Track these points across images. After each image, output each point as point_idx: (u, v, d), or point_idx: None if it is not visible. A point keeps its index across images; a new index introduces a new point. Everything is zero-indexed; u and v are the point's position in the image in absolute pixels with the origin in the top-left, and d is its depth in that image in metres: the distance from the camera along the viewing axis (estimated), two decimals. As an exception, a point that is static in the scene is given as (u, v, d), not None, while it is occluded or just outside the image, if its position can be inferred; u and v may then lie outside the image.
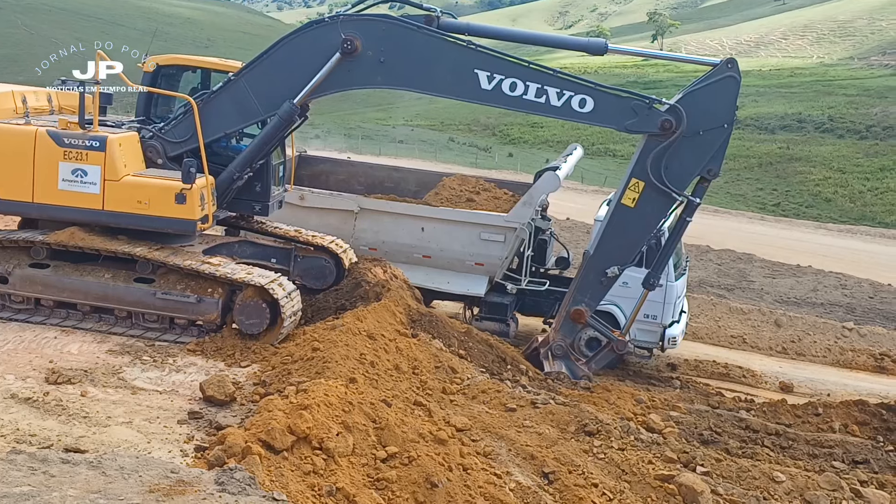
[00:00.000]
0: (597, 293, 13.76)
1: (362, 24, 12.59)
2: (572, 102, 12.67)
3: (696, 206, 13.26)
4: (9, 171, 11.91)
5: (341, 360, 10.36)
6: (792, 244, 32.27)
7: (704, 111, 12.74)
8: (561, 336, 13.98)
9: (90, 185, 11.87)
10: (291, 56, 12.71)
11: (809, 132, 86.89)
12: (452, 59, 12.70)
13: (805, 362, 18.22)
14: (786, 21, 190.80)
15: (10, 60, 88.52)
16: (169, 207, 11.97)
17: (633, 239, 13.46)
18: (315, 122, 77.19)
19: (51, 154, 11.80)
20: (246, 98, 12.71)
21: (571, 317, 13.75)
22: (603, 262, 13.50)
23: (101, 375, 10.21)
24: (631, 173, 13.13)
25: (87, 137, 11.82)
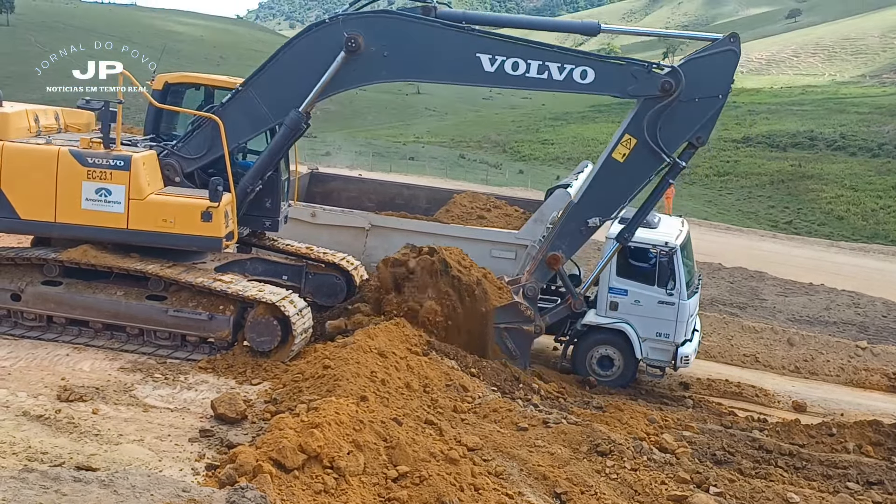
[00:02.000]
0: (575, 241, 14.31)
1: (363, 21, 12.75)
2: (574, 75, 12.99)
3: (681, 170, 13.90)
4: (30, 192, 11.90)
5: (352, 377, 10.34)
6: (804, 262, 32.05)
7: (703, 79, 13.18)
8: (534, 279, 14.25)
9: (114, 204, 11.88)
10: (296, 60, 12.85)
11: (821, 150, 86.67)
12: (453, 45, 12.93)
13: (818, 381, 18.06)
14: (797, 39, 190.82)
15: (23, 78, 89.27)
16: (195, 225, 12.01)
17: (617, 192, 13.90)
18: (326, 140, 77.55)
19: (74, 174, 11.81)
20: (255, 106, 12.81)
21: (547, 261, 14.13)
22: (586, 212, 13.99)
23: (113, 393, 10.23)
24: (625, 130, 13.52)
25: (112, 157, 11.84)
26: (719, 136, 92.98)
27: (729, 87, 13.36)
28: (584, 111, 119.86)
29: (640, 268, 15.62)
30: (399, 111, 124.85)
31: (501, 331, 14.07)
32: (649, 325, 15.37)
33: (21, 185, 11.90)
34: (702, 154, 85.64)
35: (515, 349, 14.18)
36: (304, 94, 12.73)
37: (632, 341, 15.42)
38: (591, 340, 15.77)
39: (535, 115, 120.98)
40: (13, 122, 12.12)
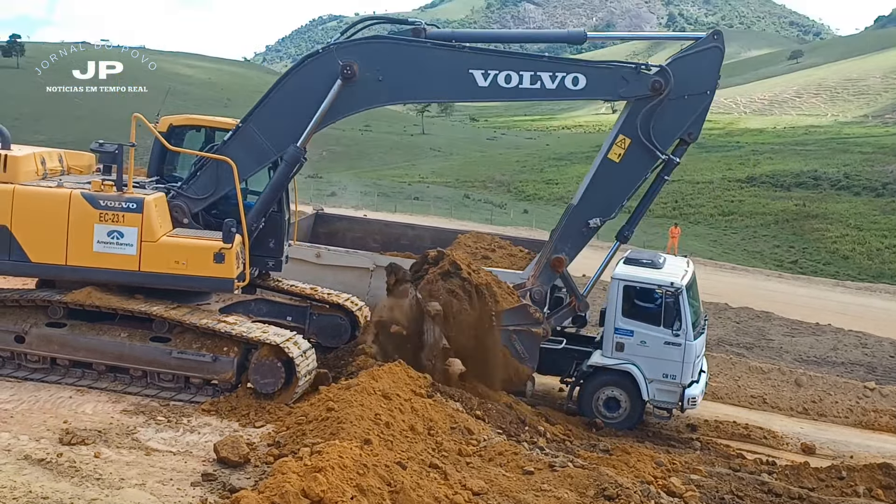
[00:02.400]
0: (577, 242, 14.60)
1: (356, 48, 13.02)
2: (566, 82, 13.35)
3: (675, 166, 14.31)
4: (41, 235, 11.89)
5: (356, 420, 10.25)
6: (810, 302, 31.97)
7: (690, 76, 13.67)
8: (540, 283, 14.41)
9: (127, 246, 11.89)
10: (294, 92, 13.02)
11: (825, 189, 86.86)
12: (446, 63, 13.24)
13: (827, 423, 17.89)
14: (799, 80, 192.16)
15: (33, 120, 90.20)
16: (207, 267, 12.05)
17: (616, 192, 14.28)
18: (332, 180, 77.94)
19: (86, 216, 11.84)
20: (256, 141, 12.95)
21: (551, 265, 14.36)
22: (586, 214, 14.35)
23: (115, 436, 10.15)
24: (619, 130, 13.87)
25: (124, 199, 11.89)
26: (723, 175, 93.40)
27: (716, 83, 13.83)
28: (588, 151, 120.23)
29: (646, 308, 15.57)
30: (404, 151, 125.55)
31: (510, 333, 14.10)
32: (656, 366, 15.28)
33: (32, 228, 11.89)
34: (706, 194, 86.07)
35: (524, 351, 14.23)
36: (305, 125, 12.90)
37: (638, 382, 15.32)
38: (598, 381, 15.67)
39: (539, 154, 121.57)
40: (22, 165, 12.17)
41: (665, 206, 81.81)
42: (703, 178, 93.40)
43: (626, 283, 15.59)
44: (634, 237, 15.66)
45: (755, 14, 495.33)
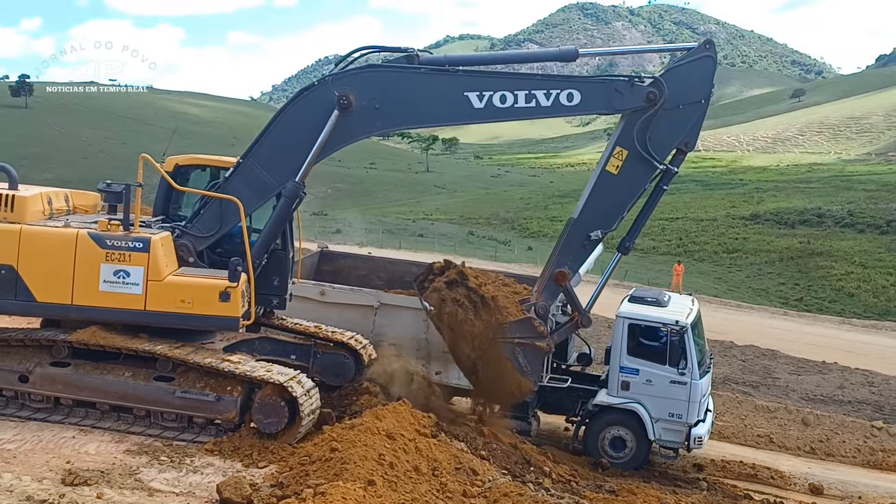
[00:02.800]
0: (579, 256, 14.40)
1: (351, 78, 13.02)
2: (561, 98, 13.36)
3: (673, 175, 14.25)
4: (47, 274, 11.88)
5: (360, 460, 10.18)
6: (816, 340, 31.83)
7: (684, 86, 13.65)
8: (544, 298, 14.26)
9: (132, 285, 11.88)
10: (292, 124, 13.07)
11: (829, 227, 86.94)
12: (441, 88, 13.25)
13: (835, 463, 17.74)
14: (802, 118, 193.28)
15: (42, 159, 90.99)
16: (213, 306, 12.02)
17: (616, 204, 14.11)
18: (337, 217, 78.20)
19: (92, 256, 11.85)
20: (258, 176, 12.95)
21: (555, 279, 14.20)
22: (587, 227, 14.16)
23: (118, 476, 10.09)
24: (616, 142, 13.84)
25: (131, 239, 11.91)
26: (727, 213, 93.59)
27: (710, 92, 13.87)
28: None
29: (652, 347, 15.53)
30: (409, 188, 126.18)
31: (514, 346, 13.95)
32: (662, 405, 15.21)
33: (38, 268, 11.88)
34: (711, 231, 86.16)
35: (527, 364, 14.03)
36: (304, 157, 12.92)
37: (644, 422, 15.23)
38: (603, 421, 15.60)
39: (543, 191, 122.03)
40: (30, 205, 12.20)
41: (669, 244, 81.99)
42: (707, 215, 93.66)
43: (632, 322, 15.57)
44: (639, 275, 15.72)
45: (757, 53, 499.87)
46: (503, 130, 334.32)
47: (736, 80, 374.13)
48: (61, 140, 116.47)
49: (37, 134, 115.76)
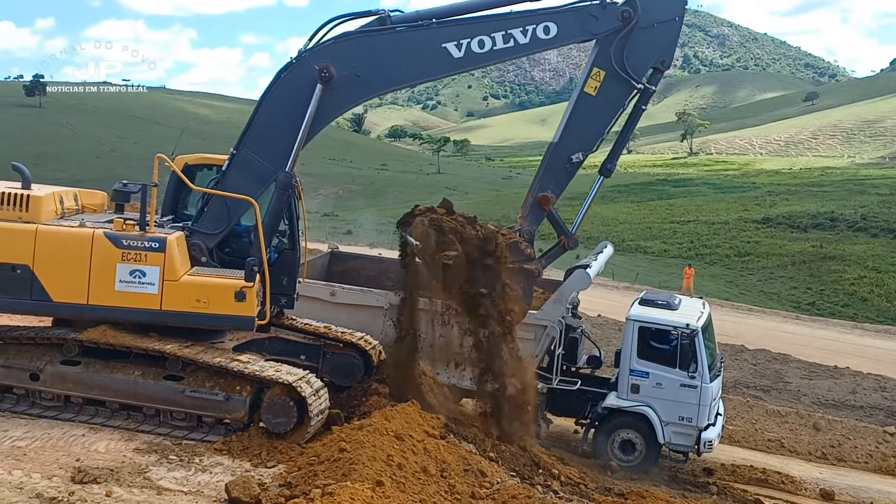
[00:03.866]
0: (562, 179, 14.76)
1: (329, 49, 13.04)
2: (538, 33, 13.52)
3: (651, 94, 14.55)
4: (63, 274, 11.90)
5: (368, 461, 10.17)
6: (828, 344, 31.64)
7: (657, 4, 14.00)
8: (529, 223, 14.64)
9: (148, 285, 11.94)
10: (278, 106, 13.08)
11: (842, 231, 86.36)
12: (419, 43, 13.34)
13: (846, 468, 17.63)
14: (815, 121, 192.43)
15: (53, 158, 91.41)
16: (228, 305, 12.10)
17: (595, 126, 14.43)
18: (348, 218, 78.27)
19: (108, 256, 11.89)
20: (254, 164, 13.00)
21: (538, 202, 14.51)
22: (568, 150, 14.48)
23: (127, 475, 10.12)
24: (593, 63, 14.07)
25: (147, 239, 11.97)
26: (739, 216, 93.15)
27: (683, 9, 14.16)
28: (602, 192, 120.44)
29: (662, 350, 15.47)
30: (420, 190, 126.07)
31: None
32: (672, 408, 15.16)
33: (54, 268, 11.91)
34: (722, 234, 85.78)
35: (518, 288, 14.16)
36: (294, 136, 12.93)
37: (654, 425, 15.18)
38: (613, 424, 15.55)
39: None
40: (44, 205, 12.23)
41: (681, 247, 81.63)
42: (718, 218, 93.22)
43: (642, 325, 15.52)
44: (650, 278, 15.61)
45: (770, 56, 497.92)
46: (515, 132, 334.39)
47: (749, 82, 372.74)
48: (74, 140, 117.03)
49: (50, 133, 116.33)
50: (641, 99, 14.55)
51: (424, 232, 13.47)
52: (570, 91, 36.78)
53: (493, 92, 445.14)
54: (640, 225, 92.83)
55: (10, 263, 11.81)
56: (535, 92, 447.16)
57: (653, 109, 70.42)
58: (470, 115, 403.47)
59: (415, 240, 13.49)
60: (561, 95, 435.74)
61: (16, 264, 11.83)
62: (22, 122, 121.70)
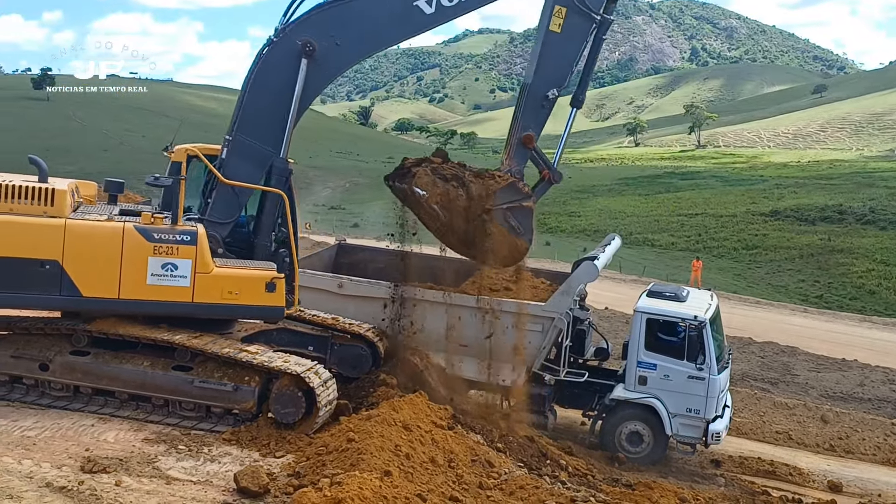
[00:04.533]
0: (540, 117, 15.02)
1: (306, 22, 13.14)
2: None
3: (610, 24, 15.07)
4: (93, 269, 11.83)
5: (376, 451, 10.20)
6: (836, 337, 31.57)
7: None
8: (516, 162, 14.89)
9: (180, 278, 11.98)
10: (266, 87, 13.15)
11: (851, 224, 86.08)
12: (391, 5, 13.54)
13: (854, 460, 17.61)
14: (824, 114, 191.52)
15: (63, 151, 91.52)
16: (259, 296, 12.23)
17: (565, 61, 14.81)
18: (354, 211, 78.31)
19: (140, 250, 11.87)
20: (251, 147, 13.06)
21: (522, 142, 14.84)
22: (542, 87, 14.77)
23: (136, 465, 10.16)
24: (554, 1, 14.48)
25: (178, 232, 12.00)
26: (747, 209, 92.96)
27: None
28: (610, 184, 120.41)
29: (670, 342, 15.47)
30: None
31: (504, 211, 14.42)
32: (679, 400, 15.16)
33: (84, 263, 11.80)
34: (730, 227, 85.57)
35: (519, 225, 14.58)
36: (286, 115, 13.06)
37: (662, 417, 15.19)
38: (620, 416, 15.56)
39: (561, 187, 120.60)
40: (67, 198, 12.10)
41: (689, 240, 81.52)
42: (726, 211, 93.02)
43: (650, 316, 15.52)
44: (657, 271, 15.61)
45: (778, 48, 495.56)
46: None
47: (757, 75, 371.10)
48: (82, 133, 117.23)
49: (58, 127, 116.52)
50: (601, 30, 15.00)
51: (430, 181, 14.13)
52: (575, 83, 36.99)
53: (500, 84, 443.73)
54: (647, 218, 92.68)
55: (39, 259, 11.65)
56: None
57: (660, 102, 70.19)
58: (477, 108, 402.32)
59: (420, 189, 14.02)
60: (568, 88, 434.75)
61: (45, 260, 11.66)
62: (30, 116, 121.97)
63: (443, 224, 14.54)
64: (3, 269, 11.47)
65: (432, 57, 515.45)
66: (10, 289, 11.57)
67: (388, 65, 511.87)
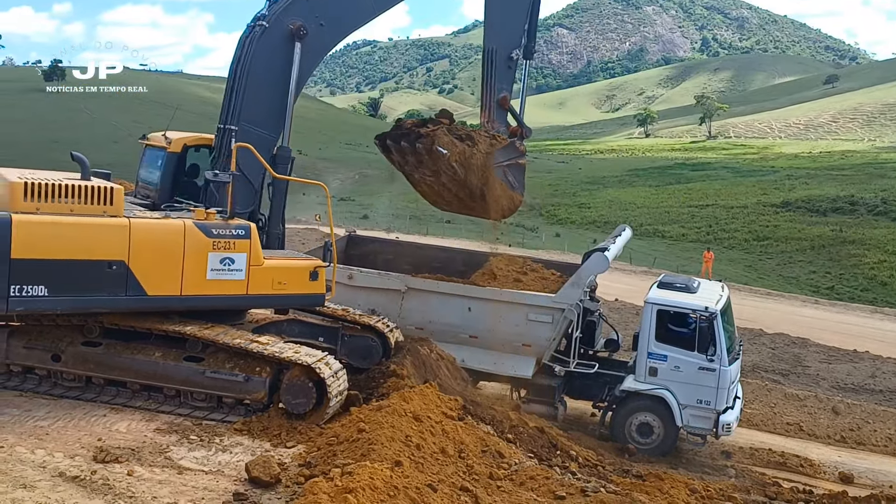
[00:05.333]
0: (509, 77, 16.34)
1: (294, 6, 13.35)
2: None
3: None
4: (157, 267, 11.80)
5: (387, 441, 10.22)
6: (848, 328, 31.48)
7: None
8: (499, 123, 16.27)
9: (236, 272, 12.21)
10: (263, 73, 13.33)
11: (862, 215, 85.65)
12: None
13: (865, 452, 17.58)
14: (835, 104, 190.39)
15: (71, 143, 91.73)
16: (304, 285, 12.77)
17: (516, 19, 16.15)
18: (364, 203, 78.35)
19: (200, 245, 11.96)
20: (256, 136, 13.20)
21: (499, 103, 16.17)
22: (504, 50, 16.04)
23: (148, 454, 10.20)
24: None
25: (233, 227, 12.24)
26: (758, 200, 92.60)
27: None
28: (621, 175, 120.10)
29: (680, 333, 15.44)
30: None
31: (503, 168, 15.72)
32: (690, 391, 15.14)
33: (148, 262, 11.75)
34: (741, 219, 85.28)
35: (515, 180, 16.01)
36: (284, 99, 13.35)
37: (672, 408, 15.18)
38: (631, 407, 15.56)
39: (571, 178, 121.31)
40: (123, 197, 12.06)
41: (699, 231, 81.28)
42: (737, 202, 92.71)
43: (660, 308, 15.50)
44: (668, 262, 15.63)
45: (790, 39, 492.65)
46: (530, 118, 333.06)
47: (768, 65, 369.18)
48: (91, 125, 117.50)
49: (67, 118, 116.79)
50: None
51: (449, 140, 15.17)
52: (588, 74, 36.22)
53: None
54: (658, 209, 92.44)
55: (107, 260, 11.52)
56: (552, 75, 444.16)
57: (671, 93, 69.90)
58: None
59: (443, 148, 15.03)
60: (578, 79, 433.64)
61: (112, 260, 11.54)
62: (39, 108, 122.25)
63: (458, 181, 15.39)
64: (71, 271, 11.23)
65: (442, 48, 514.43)
66: (77, 292, 11.33)
67: (398, 56, 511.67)
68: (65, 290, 11.09)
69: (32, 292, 10.82)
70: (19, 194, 10.88)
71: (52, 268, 10.91)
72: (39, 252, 10.80)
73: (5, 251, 10.55)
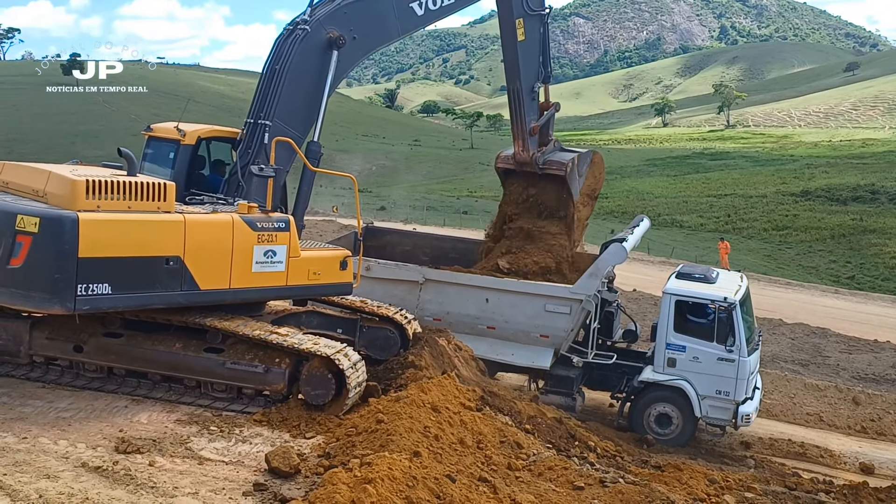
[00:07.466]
0: (535, 108, 18.21)
1: (335, 14, 13.75)
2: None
3: (551, 10, 18.26)
4: (208, 261, 11.91)
5: (405, 432, 10.25)
6: (868, 318, 31.23)
7: None
8: (534, 148, 18.13)
9: (278, 263, 12.45)
10: (299, 76, 13.57)
11: (883, 203, 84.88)
12: (392, 6, 14.59)
13: (886, 442, 17.46)
14: (855, 92, 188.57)
15: (91, 136, 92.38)
16: (335, 274, 13.15)
17: (536, 59, 17.79)
18: (381, 194, 78.42)
19: (247, 239, 12.12)
20: (288, 134, 13.45)
21: (532, 132, 17.98)
22: (529, 86, 17.80)
23: (170, 445, 10.28)
24: (513, 17, 16.96)
25: (275, 220, 12.44)
26: (777, 189, 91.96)
27: None
28: (638, 165, 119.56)
29: (699, 324, 15.39)
30: (453, 165, 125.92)
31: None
32: (709, 382, 15.10)
33: (201, 256, 11.84)
34: (760, 208, 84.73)
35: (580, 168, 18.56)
36: (317, 102, 13.68)
37: (691, 399, 15.14)
38: (649, 397, 15.53)
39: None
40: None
41: (718, 221, 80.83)
42: (756, 191, 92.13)
43: (679, 298, 15.44)
44: (686, 252, 15.60)
45: (809, 26, 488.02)
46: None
47: (787, 53, 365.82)
48: (110, 118, 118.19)
49: (86, 111, 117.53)
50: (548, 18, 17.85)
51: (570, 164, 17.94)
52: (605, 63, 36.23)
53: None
54: (676, 199, 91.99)
55: (165, 256, 11.56)
56: (569, 65, 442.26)
57: (688, 82, 69.42)
58: (503, 90, 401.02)
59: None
60: (595, 69, 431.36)
61: (169, 257, 11.59)
62: (60, 101, 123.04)
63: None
64: (130, 269, 11.23)
65: (458, 38, 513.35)
66: (136, 289, 11.34)
67: (414, 47, 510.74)
68: (126, 287, 11.13)
69: (97, 291, 10.85)
70: (82, 192, 10.84)
71: (114, 266, 10.94)
72: (104, 250, 10.82)
73: (73, 250, 10.56)
